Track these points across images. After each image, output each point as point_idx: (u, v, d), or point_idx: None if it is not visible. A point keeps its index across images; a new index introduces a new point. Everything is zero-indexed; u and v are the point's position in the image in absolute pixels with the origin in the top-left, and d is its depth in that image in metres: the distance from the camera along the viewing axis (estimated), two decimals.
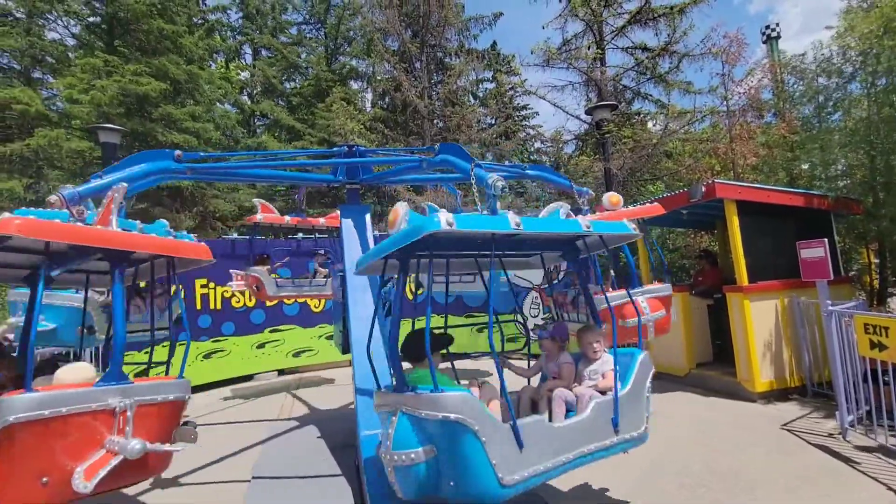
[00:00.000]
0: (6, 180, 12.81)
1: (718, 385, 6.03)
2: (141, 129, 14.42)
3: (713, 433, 4.63)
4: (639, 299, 4.44)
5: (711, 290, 6.61)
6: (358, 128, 15.84)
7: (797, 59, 7.26)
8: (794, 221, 6.29)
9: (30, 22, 15.12)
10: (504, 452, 2.21)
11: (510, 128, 18.80)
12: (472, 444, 2.17)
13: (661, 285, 4.88)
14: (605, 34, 13.22)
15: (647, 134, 12.54)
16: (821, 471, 3.72)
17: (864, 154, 6.28)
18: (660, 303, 4.74)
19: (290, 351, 8.98)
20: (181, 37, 16.07)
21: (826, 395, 5.36)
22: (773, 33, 14.44)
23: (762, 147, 9.83)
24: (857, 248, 7.84)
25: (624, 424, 2.67)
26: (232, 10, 23.42)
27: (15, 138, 13.70)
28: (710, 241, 10.69)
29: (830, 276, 4.73)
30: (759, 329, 5.58)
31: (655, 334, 4.66)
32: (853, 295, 6.58)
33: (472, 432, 2.16)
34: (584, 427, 2.55)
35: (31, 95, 13.74)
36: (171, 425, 2.58)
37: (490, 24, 19.09)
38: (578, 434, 2.52)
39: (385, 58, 16.68)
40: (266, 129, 22.49)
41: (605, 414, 2.63)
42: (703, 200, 5.74)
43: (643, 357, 2.93)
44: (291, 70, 23.18)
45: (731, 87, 10.66)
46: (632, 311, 4.02)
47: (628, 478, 3.74)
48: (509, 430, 2.26)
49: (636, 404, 2.80)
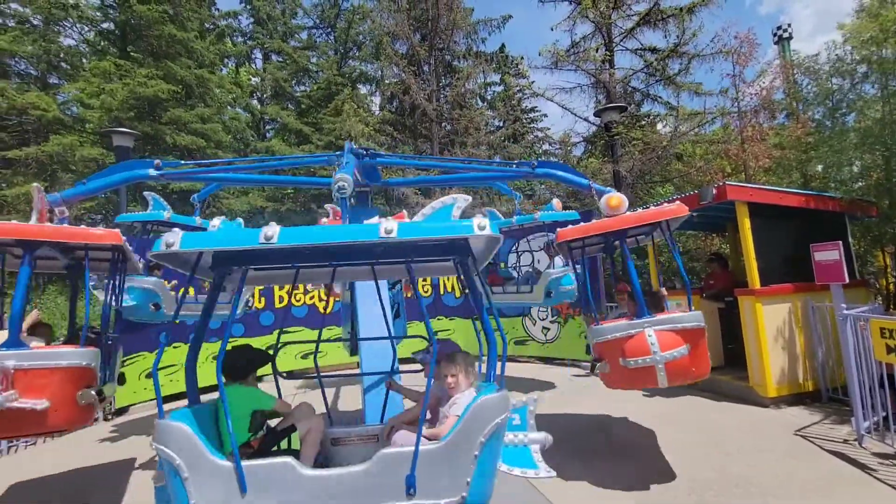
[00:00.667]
0: (22, 184, 13.09)
1: (730, 389, 5.94)
2: (151, 131, 14.64)
3: (724, 438, 4.56)
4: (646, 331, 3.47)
5: (722, 294, 6.53)
6: (367, 131, 15.93)
7: (810, 60, 7.17)
8: (808, 224, 6.19)
9: (46, 29, 15.46)
10: (213, 495, 1.93)
11: (518, 130, 18.79)
12: (174, 480, 1.98)
13: (685, 313, 3.62)
14: (614, 36, 13.16)
15: (657, 136, 12.44)
16: (836, 478, 3.64)
17: (880, 155, 6.18)
18: (678, 337, 3.48)
19: (298, 353, 9.02)
20: (193, 42, 16.31)
21: (841, 401, 5.26)
22: (785, 34, 14.30)
23: (775, 148, 9.71)
24: (872, 251, 7.70)
25: (426, 486, 2.05)
26: (243, 15, 23.76)
27: (31, 143, 13.99)
28: (721, 243, 10.57)
29: (845, 279, 4.65)
30: (771, 333, 5.49)
31: (670, 380, 3.43)
32: (869, 298, 6.46)
33: (173, 467, 1.96)
34: (354, 482, 2.03)
35: (47, 100, 14.03)
36: (73, 388, 2.73)
37: (498, 27, 19.12)
38: (344, 490, 2.01)
39: (394, 61, 16.77)
40: (275, 132, 22.73)
41: (396, 469, 2.05)
42: (714, 202, 5.68)
43: (486, 400, 2.21)
44: (301, 74, 23.42)
45: (742, 88, 10.56)
46: (638, 347, 3.38)
47: (637, 483, 3.70)
48: (232, 470, 1.95)
49: (456, 461, 2.11)
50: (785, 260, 5.93)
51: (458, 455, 2.10)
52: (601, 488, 3.65)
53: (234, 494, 1.92)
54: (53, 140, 13.21)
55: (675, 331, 3.47)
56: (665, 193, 12.18)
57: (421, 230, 2.11)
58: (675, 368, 3.40)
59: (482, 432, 2.14)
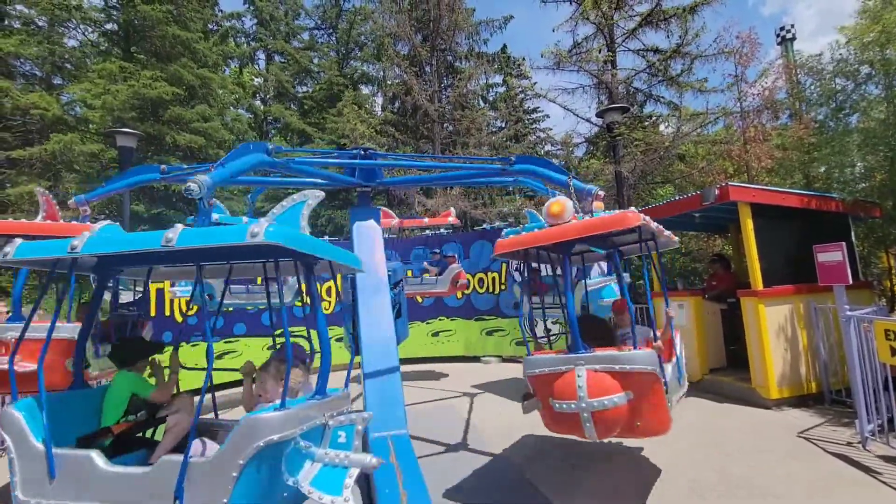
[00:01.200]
0: (26, 183, 13.14)
1: (732, 391, 5.92)
2: (153, 131, 14.68)
3: (727, 440, 4.54)
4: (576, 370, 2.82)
5: (725, 295, 6.51)
6: (368, 131, 15.95)
7: (813, 60, 7.14)
8: (811, 225, 6.16)
9: (51, 30, 15.52)
10: (29, 475, 2.18)
11: (520, 131, 18.78)
12: (9, 459, 2.26)
13: (635, 351, 2.84)
14: (616, 36, 13.14)
15: (659, 137, 12.41)
16: (839, 480, 3.62)
17: (884, 157, 6.15)
18: (616, 382, 2.77)
19: None
20: (196, 42, 16.35)
21: (844, 403, 5.23)
22: (788, 35, 14.26)
23: (777, 149, 9.68)
24: (876, 253, 7.66)
25: (192, 499, 2.03)
26: (246, 16, 23.82)
27: (35, 143, 14.05)
28: (723, 244, 10.54)
29: (849, 280, 4.62)
30: (774, 334, 5.47)
31: (600, 433, 2.82)
32: (872, 300, 6.43)
33: (9, 446, 2.25)
34: (135, 482, 2.10)
35: (50, 101, 14.08)
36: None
37: (500, 28, 19.13)
38: (125, 488, 2.10)
39: (395, 62, 16.78)
40: (278, 132, 22.77)
41: (172, 477, 2.05)
42: (717, 203, 5.66)
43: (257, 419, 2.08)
44: (303, 75, 23.46)
45: (744, 88, 10.53)
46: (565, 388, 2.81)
47: (639, 484, 3.68)
48: (44, 455, 2.16)
49: (218, 478, 2.02)
50: (788, 261, 5.90)
51: (220, 472, 2.02)
52: (601, 489, 3.64)
53: (46, 478, 2.14)
54: (54, 138, 13.27)
55: (612, 373, 2.78)
56: (666, 194, 12.14)
57: (199, 238, 2.07)
58: (607, 421, 2.77)
59: (243, 452, 2.01)
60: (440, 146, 16.37)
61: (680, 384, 3.47)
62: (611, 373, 2.78)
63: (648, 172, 12.42)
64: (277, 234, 2.03)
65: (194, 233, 2.09)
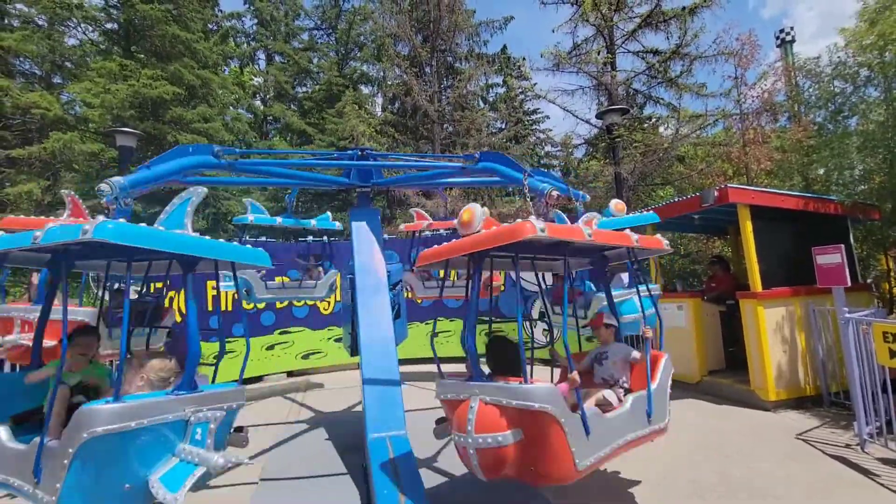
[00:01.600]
0: (25, 182, 13.12)
1: (731, 393, 5.93)
2: (153, 130, 14.67)
3: (726, 442, 4.54)
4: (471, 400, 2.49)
5: (724, 297, 6.52)
6: (368, 131, 15.95)
7: (812, 63, 7.16)
8: (810, 227, 6.18)
9: (51, 29, 15.50)
10: None
11: (520, 132, 18.80)
12: None
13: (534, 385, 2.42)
14: (616, 38, 13.17)
15: (659, 138, 12.44)
16: (838, 482, 3.62)
17: (883, 159, 6.17)
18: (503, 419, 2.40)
19: (299, 353, 9.02)
20: (196, 42, 16.35)
21: (843, 405, 5.24)
22: (788, 37, 14.28)
23: (776, 151, 9.70)
24: (875, 255, 7.67)
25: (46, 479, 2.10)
26: (246, 16, 23.82)
27: (34, 141, 14.03)
28: (722, 246, 10.56)
29: (847, 282, 4.63)
30: (773, 336, 5.48)
31: (485, 473, 2.49)
32: (871, 302, 6.44)
33: None
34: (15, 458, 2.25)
35: (50, 100, 14.06)
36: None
37: (500, 29, 19.15)
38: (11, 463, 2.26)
39: (395, 62, 16.79)
40: (277, 132, 22.77)
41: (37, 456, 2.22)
42: (716, 205, 5.67)
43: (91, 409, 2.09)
44: (303, 75, 23.46)
45: (743, 90, 10.55)
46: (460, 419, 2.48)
47: (638, 486, 3.68)
48: None
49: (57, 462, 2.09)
50: (787, 263, 5.92)
51: (56, 458, 2.07)
52: (601, 489, 3.64)
53: None
54: (54, 137, 13.24)
55: (501, 408, 2.39)
56: (666, 196, 12.16)
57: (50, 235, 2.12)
58: (489, 460, 2.39)
59: (72, 442, 2.03)
60: (440, 147, 16.38)
61: (649, 421, 2.98)
62: (499, 407, 2.40)
63: (648, 174, 12.44)
64: (104, 229, 2.01)
65: (57, 230, 2.12)
